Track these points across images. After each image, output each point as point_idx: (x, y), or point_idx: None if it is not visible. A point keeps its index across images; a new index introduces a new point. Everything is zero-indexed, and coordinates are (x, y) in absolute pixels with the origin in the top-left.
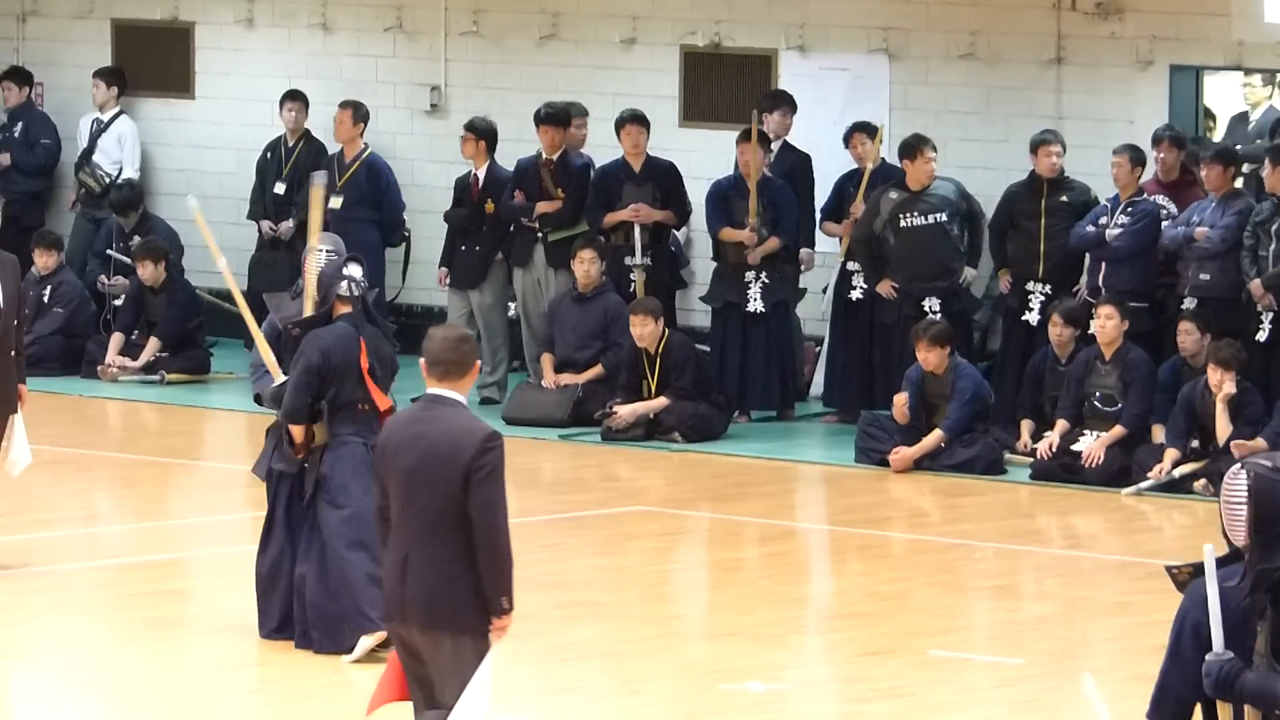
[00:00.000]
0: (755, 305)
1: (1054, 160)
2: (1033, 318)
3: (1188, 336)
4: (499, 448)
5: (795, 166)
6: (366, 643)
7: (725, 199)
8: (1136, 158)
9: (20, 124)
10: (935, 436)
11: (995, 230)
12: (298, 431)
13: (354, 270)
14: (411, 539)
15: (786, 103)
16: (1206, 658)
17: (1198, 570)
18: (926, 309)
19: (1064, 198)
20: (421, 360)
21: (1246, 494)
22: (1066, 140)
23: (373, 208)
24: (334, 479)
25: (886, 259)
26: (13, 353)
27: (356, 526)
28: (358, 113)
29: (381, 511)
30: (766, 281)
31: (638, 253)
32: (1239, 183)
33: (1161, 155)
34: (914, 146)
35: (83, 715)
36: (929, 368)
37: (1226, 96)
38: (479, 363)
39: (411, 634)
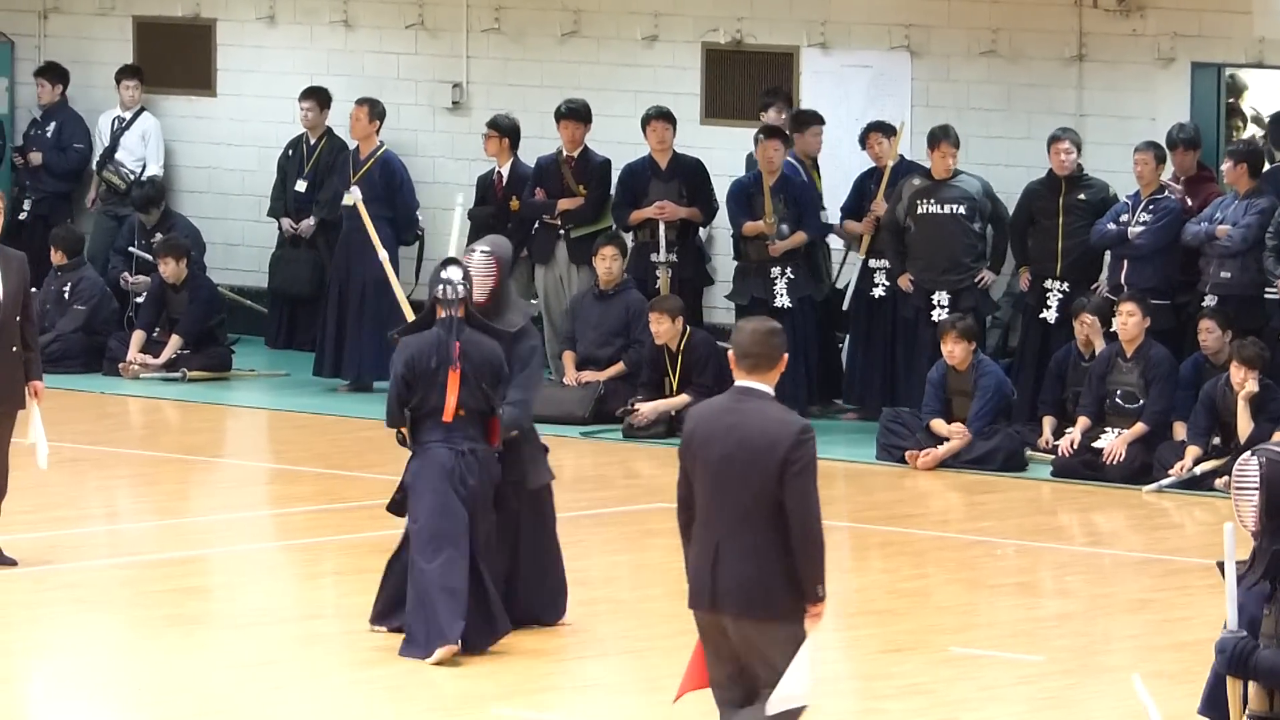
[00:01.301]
0: (782, 300)
1: (1063, 157)
2: (1050, 315)
3: (1209, 335)
4: (813, 440)
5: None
6: (440, 653)
7: (748, 196)
8: (1160, 155)
9: (53, 124)
10: (961, 439)
11: (1015, 228)
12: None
13: (451, 273)
14: (722, 529)
15: (817, 121)
16: (1221, 634)
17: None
18: (935, 302)
19: (1082, 195)
20: (729, 352)
21: (1259, 480)
22: (1088, 138)
23: (387, 205)
24: (413, 488)
25: (908, 251)
26: (14, 349)
27: (425, 538)
28: (373, 110)
29: (685, 501)
30: (791, 277)
31: (662, 250)
32: None
33: (1178, 160)
34: (936, 138)
35: (103, 712)
36: (954, 362)
37: (1261, 95)
38: (786, 355)
39: (722, 621)
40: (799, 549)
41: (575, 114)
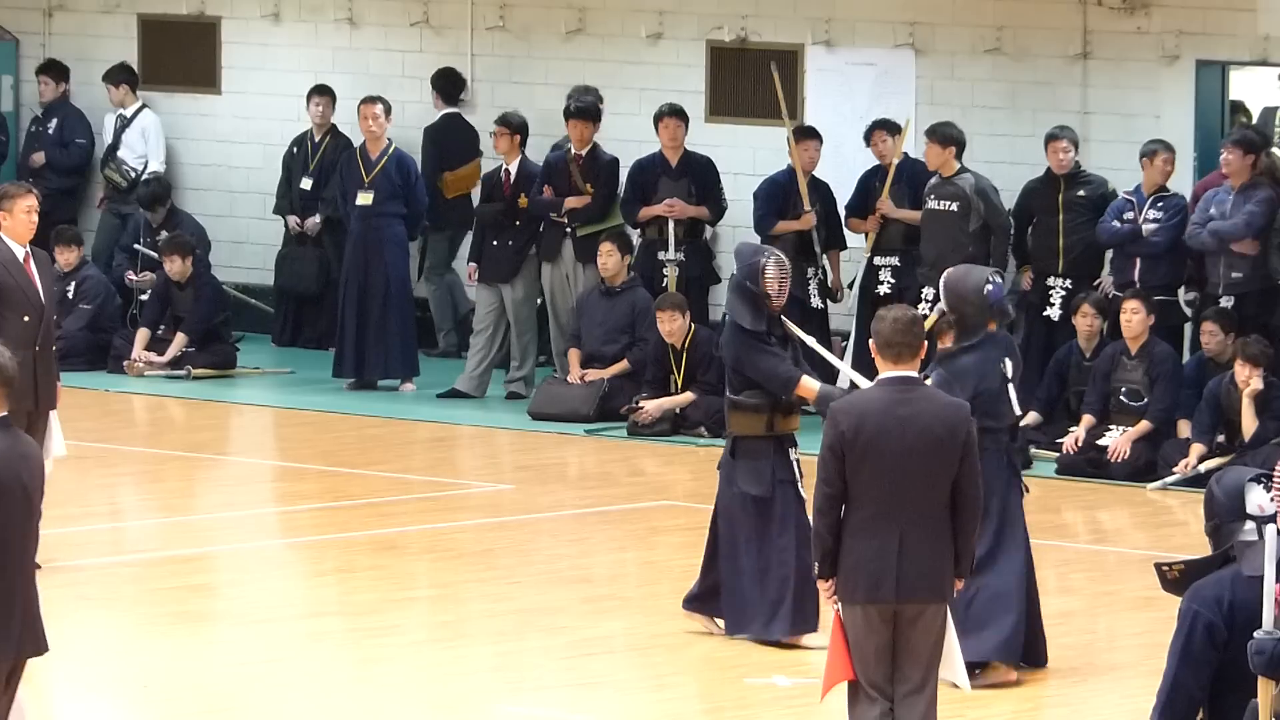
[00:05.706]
0: (815, 301)
1: (1061, 156)
2: (1053, 313)
3: (1212, 338)
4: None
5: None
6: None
7: (784, 194)
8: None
9: (55, 120)
10: None
11: (1016, 225)
12: None
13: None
14: (905, 519)
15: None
16: (1256, 635)
17: (1189, 569)
18: (922, 296)
19: (1081, 193)
20: (871, 342)
21: None
22: (1092, 135)
23: (403, 202)
24: None
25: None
26: (53, 347)
27: None
28: (387, 107)
29: (837, 498)
30: (821, 278)
31: (671, 248)
32: None
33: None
34: (925, 135)
35: (109, 710)
36: None
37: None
38: (926, 342)
39: (893, 610)
40: (965, 526)
41: (585, 112)
